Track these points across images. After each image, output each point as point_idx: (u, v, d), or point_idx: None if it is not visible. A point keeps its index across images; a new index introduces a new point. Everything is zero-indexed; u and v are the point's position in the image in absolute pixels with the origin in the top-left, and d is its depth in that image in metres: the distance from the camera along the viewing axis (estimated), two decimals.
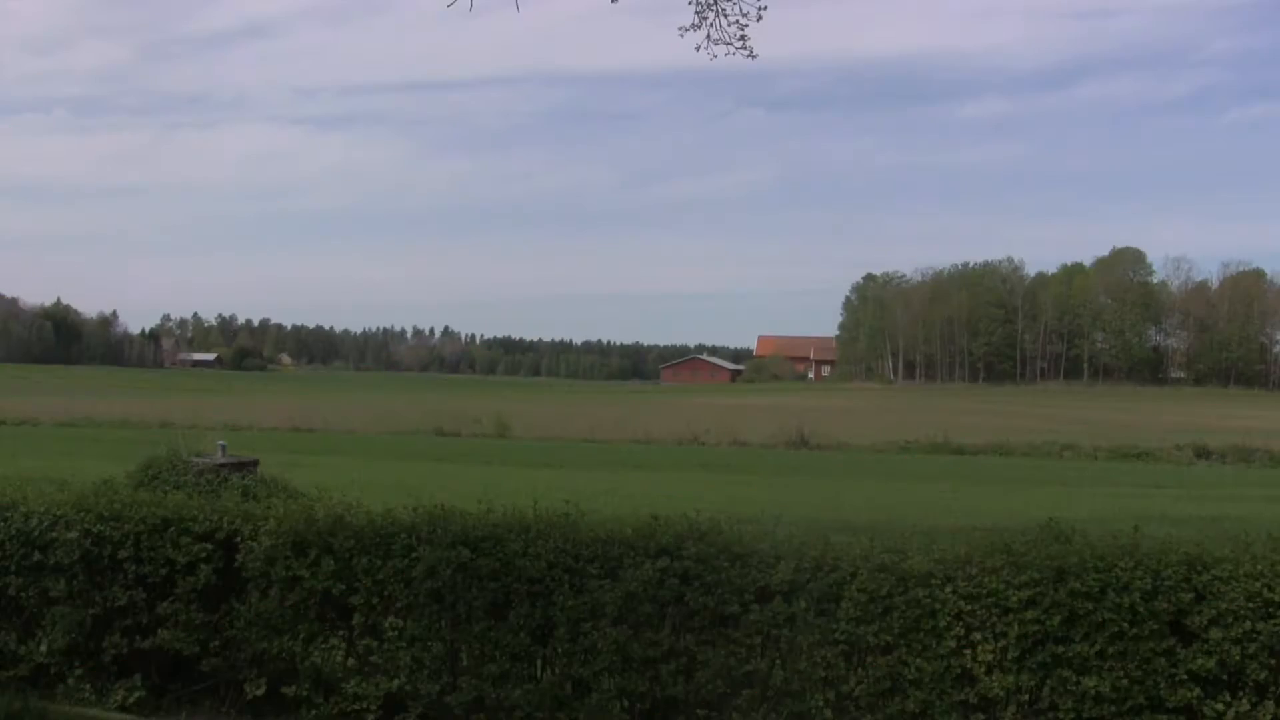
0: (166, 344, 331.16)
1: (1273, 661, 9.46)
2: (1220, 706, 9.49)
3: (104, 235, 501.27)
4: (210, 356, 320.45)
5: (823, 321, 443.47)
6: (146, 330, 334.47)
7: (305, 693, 11.40)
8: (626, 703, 10.58)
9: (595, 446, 62.08)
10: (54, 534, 12.18)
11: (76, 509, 12.29)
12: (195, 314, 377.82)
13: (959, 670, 9.93)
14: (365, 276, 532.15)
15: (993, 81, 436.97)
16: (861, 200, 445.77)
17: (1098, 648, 9.68)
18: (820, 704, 10.14)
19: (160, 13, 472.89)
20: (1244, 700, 9.48)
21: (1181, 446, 63.43)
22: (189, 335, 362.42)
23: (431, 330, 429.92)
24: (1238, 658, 9.47)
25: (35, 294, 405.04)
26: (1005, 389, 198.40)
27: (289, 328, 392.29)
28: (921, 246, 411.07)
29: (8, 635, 12.34)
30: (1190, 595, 9.65)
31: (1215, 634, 9.52)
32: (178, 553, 11.79)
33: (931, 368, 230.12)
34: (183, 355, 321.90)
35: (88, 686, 12.03)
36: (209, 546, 11.80)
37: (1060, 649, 9.77)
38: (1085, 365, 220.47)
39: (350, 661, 11.27)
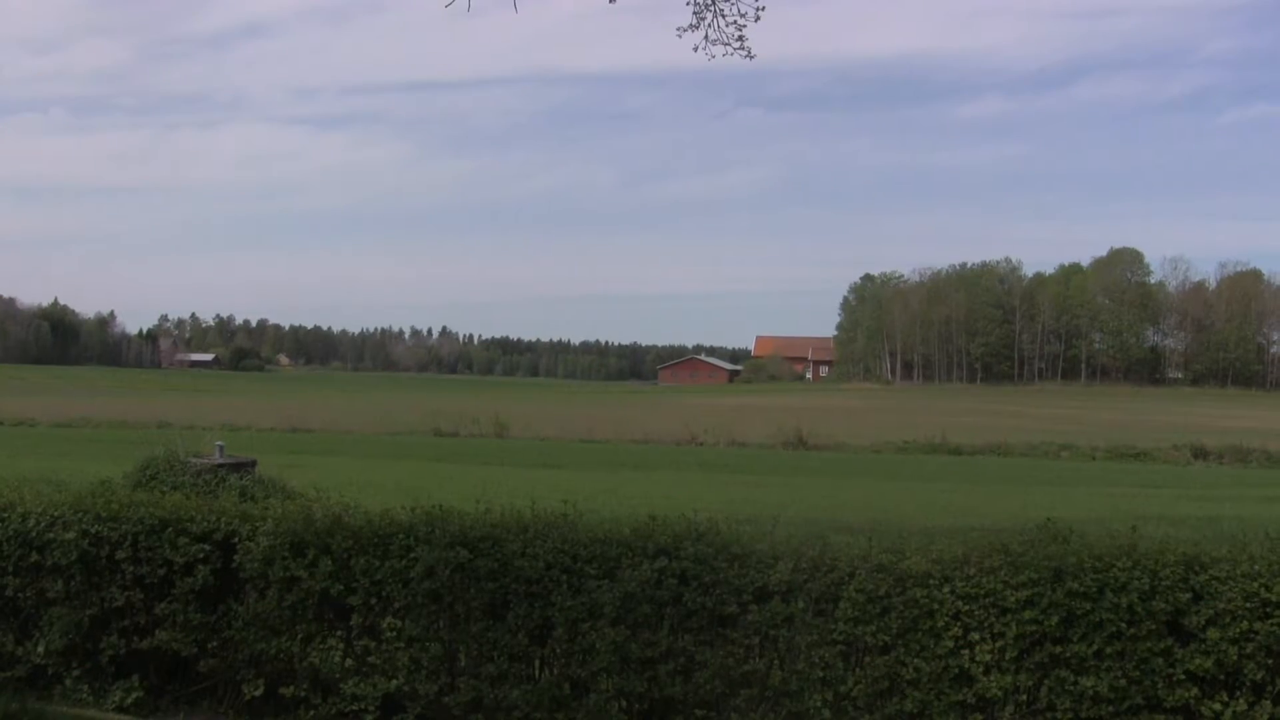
0: (164, 344, 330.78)
1: (1270, 661, 9.47)
2: (1218, 706, 9.50)
3: (102, 235, 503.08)
4: (208, 357, 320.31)
5: (821, 322, 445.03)
6: (144, 331, 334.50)
7: (303, 693, 11.41)
8: (625, 703, 10.59)
9: (593, 447, 62.09)
10: (51, 535, 12.18)
11: (74, 509, 12.29)
12: (193, 314, 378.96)
13: (957, 670, 9.94)
14: (363, 277, 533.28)
15: (991, 82, 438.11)
16: (860, 200, 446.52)
17: (1095, 648, 9.69)
18: (818, 704, 10.15)
19: (159, 12, 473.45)
20: (1241, 700, 9.48)
21: (1179, 447, 63.45)
22: (187, 335, 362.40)
23: (429, 330, 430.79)
24: (1235, 657, 9.48)
25: (33, 294, 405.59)
26: (1003, 389, 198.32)
27: (287, 328, 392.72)
28: (919, 247, 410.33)
29: (5, 636, 12.34)
30: (1188, 595, 9.66)
31: (1213, 634, 9.53)
32: (175, 553, 11.79)
33: (929, 368, 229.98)
34: (180, 356, 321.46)
35: (85, 687, 12.04)
36: (207, 547, 11.80)
37: (1058, 649, 9.78)
38: (1083, 365, 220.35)
39: (348, 662, 11.27)
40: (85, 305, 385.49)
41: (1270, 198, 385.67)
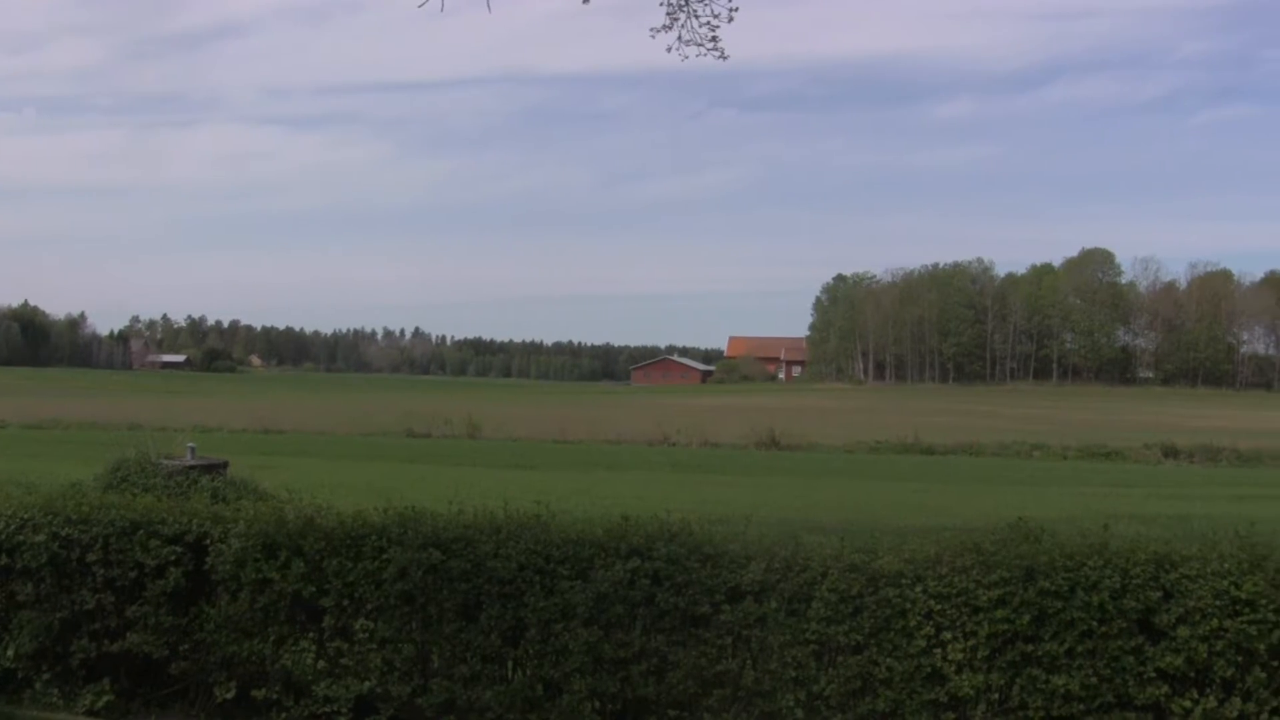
0: (135, 345, 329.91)
1: (1239, 659, 9.51)
2: (1188, 704, 9.54)
3: (73, 236, 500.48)
4: (179, 358, 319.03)
5: (794, 322, 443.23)
6: (115, 332, 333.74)
7: (275, 695, 11.38)
8: (598, 703, 10.60)
9: (566, 447, 62.06)
10: (21, 537, 12.11)
11: (44, 512, 12.23)
12: (164, 315, 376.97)
13: (929, 669, 9.97)
14: (336, 277, 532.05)
15: (965, 83, 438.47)
16: (833, 201, 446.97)
17: (1067, 646, 9.73)
18: (791, 704, 10.17)
19: (135, 12, 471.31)
20: (1211, 697, 9.52)
21: (1150, 446, 63.69)
22: (158, 337, 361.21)
23: (402, 331, 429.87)
24: (1205, 655, 9.52)
25: (3, 295, 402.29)
26: (975, 389, 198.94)
27: (259, 329, 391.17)
28: (893, 247, 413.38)
29: None
30: (1158, 593, 9.70)
31: (1183, 632, 9.56)
32: (147, 556, 11.75)
33: (902, 368, 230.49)
34: (152, 357, 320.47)
35: (55, 691, 11.99)
36: (178, 549, 11.76)
37: (1030, 647, 9.81)
38: (1054, 365, 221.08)
39: (321, 664, 11.25)
40: (56, 306, 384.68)
41: (1241, 198, 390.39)
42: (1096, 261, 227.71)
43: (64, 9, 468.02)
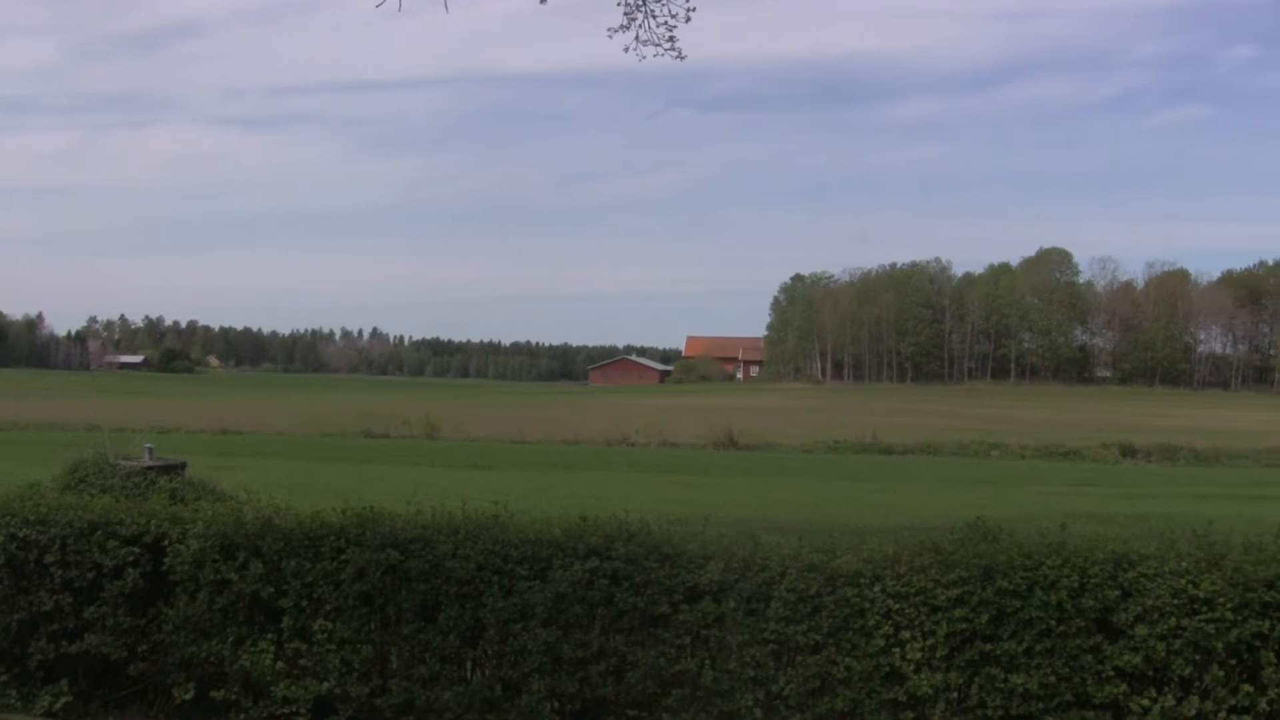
0: (93, 346, 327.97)
1: (1197, 657, 9.56)
2: (1146, 702, 9.58)
3: (30, 236, 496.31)
4: (137, 359, 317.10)
5: (751, 322, 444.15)
6: (73, 332, 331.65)
7: (234, 696, 11.34)
8: (556, 704, 10.59)
9: (524, 448, 62.07)
10: None
11: (1, 513, 12.15)
12: (122, 316, 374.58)
13: (888, 669, 9.99)
14: (294, 277, 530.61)
15: (922, 83, 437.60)
16: (791, 201, 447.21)
17: (1025, 645, 9.76)
18: (750, 703, 10.18)
19: (86, 12, 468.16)
20: (1169, 696, 9.57)
21: (1108, 445, 64.12)
22: (116, 337, 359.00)
23: (360, 332, 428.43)
24: (1163, 653, 9.57)
25: None
26: (933, 389, 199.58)
27: (217, 329, 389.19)
28: (850, 247, 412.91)
29: None
30: (1117, 592, 9.74)
31: (1141, 630, 9.61)
32: (105, 556, 11.69)
33: (860, 368, 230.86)
34: (109, 357, 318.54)
35: (13, 693, 11.91)
36: (136, 550, 11.70)
37: (988, 647, 9.84)
38: (1012, 365, 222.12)
39: (279, 664, 11.22)
40: (12, 307, 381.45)
41: (1197, 198, 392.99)
42: (1054, 261, 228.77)
43: (13, 8, 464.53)
